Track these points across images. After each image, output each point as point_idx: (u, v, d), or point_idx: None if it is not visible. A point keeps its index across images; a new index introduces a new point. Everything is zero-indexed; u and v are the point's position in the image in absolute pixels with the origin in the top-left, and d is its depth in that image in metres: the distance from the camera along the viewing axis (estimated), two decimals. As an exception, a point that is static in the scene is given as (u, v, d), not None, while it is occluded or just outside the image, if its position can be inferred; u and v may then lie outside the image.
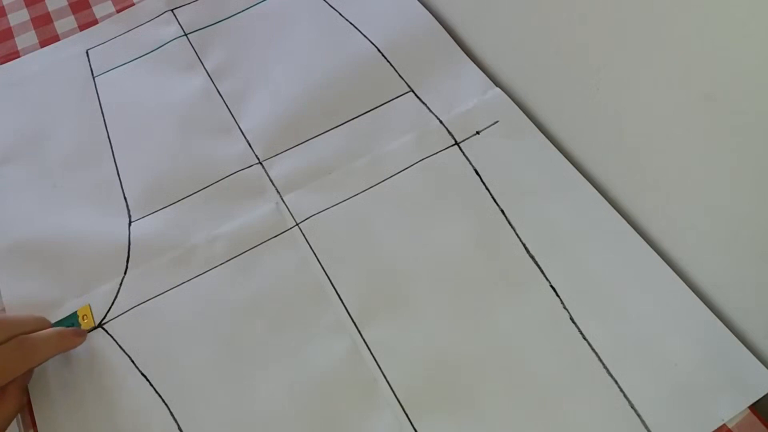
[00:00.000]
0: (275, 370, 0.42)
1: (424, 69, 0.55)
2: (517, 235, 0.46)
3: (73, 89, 0.57)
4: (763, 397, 0.39)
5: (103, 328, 0.44)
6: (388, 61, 0.56)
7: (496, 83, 0.54)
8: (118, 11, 0.62)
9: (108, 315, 0.44)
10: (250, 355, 0.42)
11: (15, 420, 0.41)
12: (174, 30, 0.60)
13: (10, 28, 0.62)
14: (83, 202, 0.50)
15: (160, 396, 0.41)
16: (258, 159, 0.51)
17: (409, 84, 0.55)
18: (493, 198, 0.48)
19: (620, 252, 0.44)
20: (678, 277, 0.43)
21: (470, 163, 0.49)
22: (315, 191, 0.49)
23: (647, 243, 0.44)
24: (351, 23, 0.59)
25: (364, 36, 0.58)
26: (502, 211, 0.47)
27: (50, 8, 0.63)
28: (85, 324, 0.44)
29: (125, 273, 0.46)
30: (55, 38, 0.61)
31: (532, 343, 0.42)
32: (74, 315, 0.44)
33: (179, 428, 0.40)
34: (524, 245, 0.45)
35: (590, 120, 0.46)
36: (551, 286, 0.44)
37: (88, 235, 0.48)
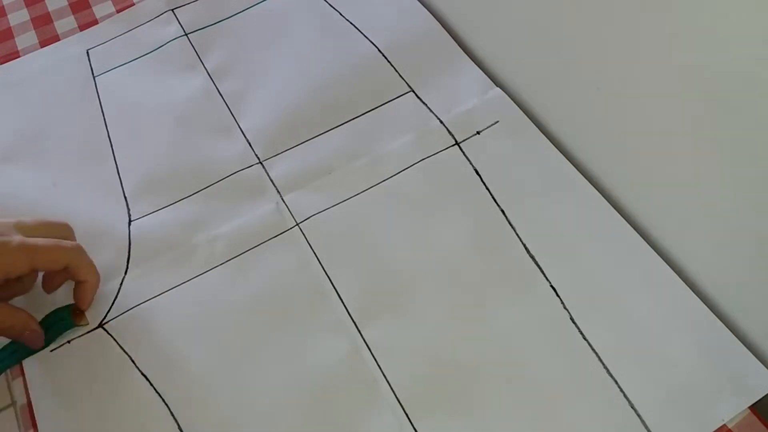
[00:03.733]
0: (275, 370, 0.42)
1: (424, 69, 0.55)
2: (517, 235, 0.46)
3: (73, 89, 0.57)
4: (763, 398, 0.39)
5: (104, 328, 0.44)
6: (388, 61, 0.56)
7: (496, 83, 0.54)
8: (118, 11, 0.62)
9: (108, 315, 0.44)
10: (249, 355, 0.42)
11: (15, 419, 0.41)
12: (174, 30, 0.60)
13: (10, 28, 0.62)
14: (83, 201, 0.50)
15: (160, 396, 0.41)
16: (258, 159, 0.51)
17: (410, 84, 0.55)
18: (493, 198, 0.48)
19: (620, 252, 0.44)
20: (678, 277, 0.43)
21: (470, 163, 0.49)
22: (315, 191, 0.49)
23: (647, 243, 0.44)
24: (351, 23, 0.59)
25: (365, 36, 0.58)
26: (502, 211, 0.47)
27: (50, 8, 0.63)
28: (78, 318, 0.43)
29: (125, 273, 0.46)
30: (55, 38, 0.61)
31: (532, 344, 0.42)
32: (67, 307, 0.44)
33: (179, 428, 0.40)
34: (524, 245, 0.45)
35: (590, 120, 0.46)
36: (551, 287, 0.44)
37: (88, 235, 0.48)
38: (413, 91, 0.54)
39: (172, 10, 0.62)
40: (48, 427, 0.40)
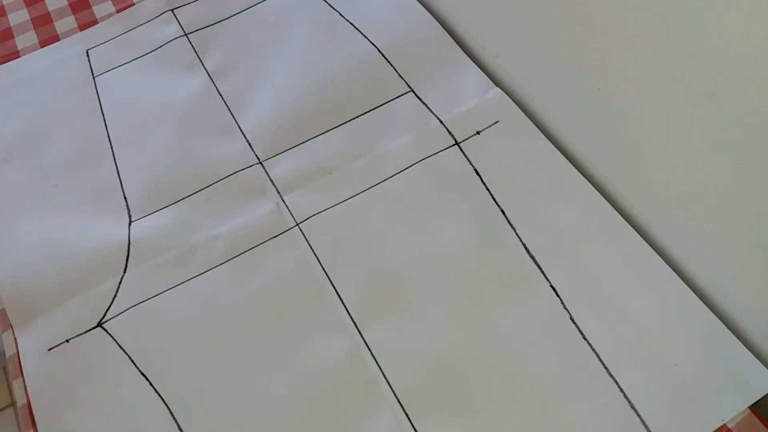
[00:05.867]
0: (275, 370, 0.42)
1: (424, 69, 0.55)
2: (517, 235, 0.46)
3: (73, 89, 0.57)
4: (763, 397, 0.39)
5: (103, 327, 0.44)
6: (388, 61, 0.56)
7: (496, 83, 0.54)
8: (118, 11, 0.62)
9: (107, 314, 0.44)
10: (249, 355, 0.42)
11: (15, 419, 0.41)
12: (174, 30, 0.60)
13: (10, 28, 0.62)
14: (83, 201, 0.50)
15: (160, 395, 0.41)
16: (258, 159, 0.51)
17: (409, 84, 0.55)
18: (493, 198, 0.48)
19: (620, 252, 0.44)
20: (678, 277, 0.43)
21: (470, 163, 0.49)
22: (315, 191, 0.49)
23: (647, 243, 0.44)
24: (351, 23, 0.59)
25: (364, 36, 0.58)
26: (503, 211, 0.47)
27: (50, 8, 0.63)
28: None
29: (125, 272, 0.46)
30: (55, 38, 0.61)
31: (532, 344, 0.42)
32: None
33: (179, 428, 0.40)
34: (524, 245, 0.45)
35: (591, 120, 0.46)
36: (551, 286, 0.44)
37: (88, 235, 0.48)
38: (413, 91, 0.54)
39: (172, 10, 0.62)
40: (48, 427, 0.40)
